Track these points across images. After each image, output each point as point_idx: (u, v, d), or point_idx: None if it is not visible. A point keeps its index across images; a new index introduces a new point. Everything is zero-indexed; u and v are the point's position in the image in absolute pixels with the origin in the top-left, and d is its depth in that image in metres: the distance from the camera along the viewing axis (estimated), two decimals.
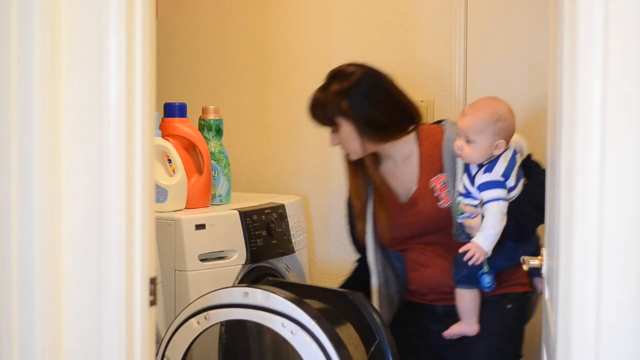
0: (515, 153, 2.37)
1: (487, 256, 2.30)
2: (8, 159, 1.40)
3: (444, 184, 2.44)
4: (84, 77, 1.40)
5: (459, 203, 2.37)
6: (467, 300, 2.38)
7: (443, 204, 2.44)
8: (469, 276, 2.35)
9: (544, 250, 1.91)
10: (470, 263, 2.29)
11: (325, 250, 3.37)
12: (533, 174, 2.39)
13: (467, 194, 2.36)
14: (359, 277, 2.63)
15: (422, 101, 3.11)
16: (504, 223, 2.29)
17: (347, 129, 2.44)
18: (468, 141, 2.31)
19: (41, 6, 1.38)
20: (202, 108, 2.96)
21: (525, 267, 1.95)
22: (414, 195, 2.49)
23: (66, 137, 1.41)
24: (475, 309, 2.40)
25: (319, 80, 3.35)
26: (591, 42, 1.22)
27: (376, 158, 2.55)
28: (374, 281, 2.54)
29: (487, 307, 2.42)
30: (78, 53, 1.40)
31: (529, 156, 2.46)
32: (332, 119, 2.46)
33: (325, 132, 2.59)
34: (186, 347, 2.29)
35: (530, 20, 2.99)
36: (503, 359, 2.45)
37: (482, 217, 2.32)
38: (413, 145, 2.51)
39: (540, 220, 2.27)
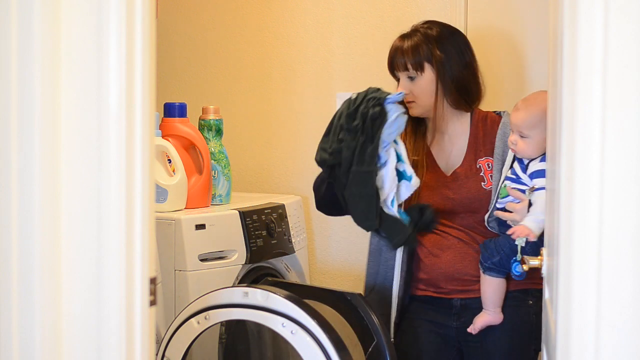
0: None
1: (534, 240, 2.26)
2: (8, 159, 1.40)
3: (490, 167, 2.42)
4: (84, 77, 1.40)
5: (504, 187, 2.35)
6: (493, 288, 2.35)
7: (486, 185, 2.41)
8: (501, 264, 2.32)
9: (544, 250, 1.91)
10: (514, 236, 2.23)
11: (325, 250, 3.37)
12: None
13: (516, 179, 2.34)
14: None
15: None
16: None
17: (430, 79, 2.41)
18: (522, 136, 2.30)
19: (41, 6, 1.38)
20: (202, 108, 2.96)
21: (525, 267, 1.94)
22: (458, 169, 2.45)
23: (66, 137, 1.41)
24: (501, 299, 2.37)
25: (319, 80, 3.36)
26: (591, 42, 1.22)
27: (427, 129, 2.52)
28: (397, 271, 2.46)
29: (510, 303, 2.39)
30: (78, 53, 1.40)
31: None
32: (421, 63, 2.41)
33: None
34: (186, 347, 2.29)
35: (530, 21, 2.99)
36: (526, 355, 2.42)
37: (529, 204, 2.29)
38: (466, 126, 2.48)
39: None
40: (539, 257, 1.91)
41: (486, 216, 2.38)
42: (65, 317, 1.43)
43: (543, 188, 2.25)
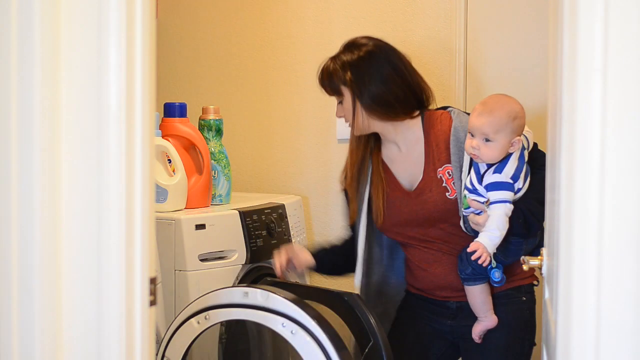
0: (523, 150, 2.35)
1: (492, 253, 2.30)
2: (8, 159, 1.40)
3: (450, 175, 2.41)
4: (84, 77, 1.40)
5: (465, 197, 2.36)
6: (477, 295, 2.37)
7: (450, 195, 2.40)
8: (475, 273, 2.34)
9: (544, 250, 1.91)
10: (479, 262, 2.27)
11: None
12: (538, 168, 2.36)
13: (474, 190, 2.34)
14: (330, 256, 2.61)
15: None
16: (507, 224, 2.28)
17: (350, 100, 2.43)
18: (487, 140, 2.28)
19: (41, 6, 1.38)
20: (202, 108, 2.96)
21: (525, 267, 1.94)
22: (420, 184, 2.45)
23: (66, 137, 1.41)
24: (488, 302, 2.38)
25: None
26: (591, 42, 1.22)
27: (380, 141, 2.52)
28: (358, 270, 2.50)
29: (504, 301, 2.41)
30: (78, 53, 1.40)
31: (535, 146, 2.44)
32: (337, 89, 2.44)
33: (324, 131, 2.59)
34: (186, 347, 2.29)
35: (530, 20, 2.99)
36: (521, 350, 2.45)
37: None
38: (419, 132, 2.47)
39: (544, 213, 2.27)
40: (539, 257, 1.91)
41: (461, 223, 2.40)
42: (65, 317, 1.43)
43: (498, 202, 2.27)
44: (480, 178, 2.33)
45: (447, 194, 2.41)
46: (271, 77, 3.43)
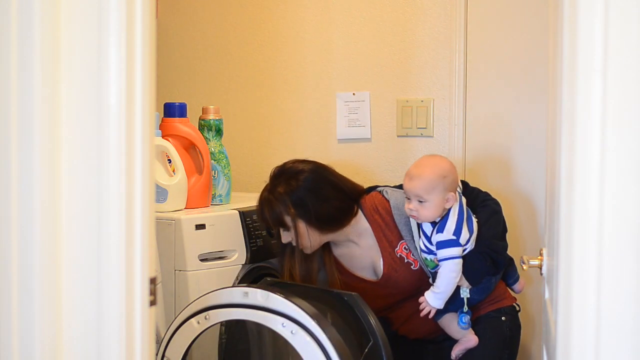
0: (461, 198, 2.46)
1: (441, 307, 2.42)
2: (8, 159, 1.40)
3: (407, 248, 2.52)
4: (84, 77, 1.40)
5: (425, 259, 2.48)
6: (451, 323, 2.48)
7: (414, 267, 2.51)
8: (446, 311, 2.45)
9: (544, 250, 1.91)
10: (421, 314, 2.41)
11: None
12: (480, 205, 2.50)
13: (429, 251, 2.46)
14: None
15: (422, 101, 3.11)
16: (457, 279, 2.39)
17: (300, 226, 2.50)
18: (421, 201, 2.40)
19: (41, 6, 1.38)
20: (202, 108, 2.96)
21: (525, 267, 1.96)
22: (385, 271, 2.54)
23: (66, 137, 1.41)
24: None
25: (319, 80, 3.36)
26: (591, 42, 1.22)
27: (328, 246, 2.60)
28: None
29: (484, 320, 2.51)
30: (78, 53, 1.40)
31: (466, 185, 2.55)
32: (282, 220, 2.51)
33: (324, 131, 2.60)
34: (186, 347, 2.29)
35: (530, 21, 2.99)
36: (498, 357, 2.53)
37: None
38: (365, 223, 2.57)
39: (506, 245, 2.48)
40: (539, 257, 1.92)
41: (430, 281, 2.49)
42: (65, 317, 1.43)
43: (445, 258, 2.39)
44: (429, 239, 2.45)
45: (411, 267, 2.52)
46: (271, 77, 3.43)
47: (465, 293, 2.42)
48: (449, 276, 2.38)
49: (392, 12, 3.21)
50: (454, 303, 2.43)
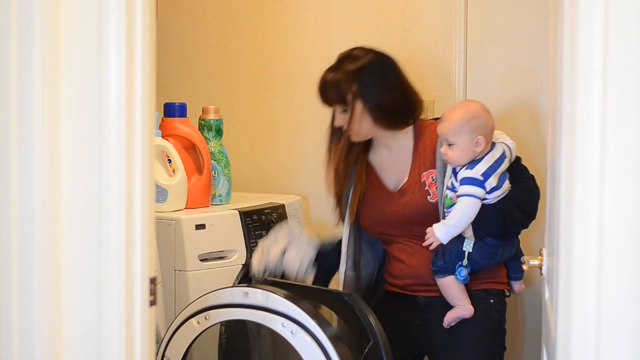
0: (503, 157, 2.43)
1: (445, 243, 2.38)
2: (8, 159, 1.40)
3: (434, 179, 2.48)
4: (84, 77, 1.40)
5: (446, 197, 2.43)
6: (450, 287, 2.42)
7: (431, 198, 2.47)
8: (445, 267, 2.41)
9: (544, 250, 1.91)
10: (424, 244, 2.39)
11: None
12: (521, 178, 2.47)
13: (452, 189, 2.42)
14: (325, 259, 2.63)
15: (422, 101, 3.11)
16: (469, 220, 2.36)
17: (358, 109, 2.46)
18: (449, 144, 2.38)
19: (41, 6, 1.38)
20: (202, 108, 2.96)
21: (525, 267, 1.97)
22: (404, 186, 2.51)
23: (66, 137, 1.41)
24: (462, 292, 2.43)
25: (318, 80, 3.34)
26: (591, 42, 1.22)
27: (368, 145, 2.58)
28: (342, 264, 2.56)
29: (472, 300, 2.45)
30: (78, 53, 1.40)
31: (517, 160, 2.52)
32: (344, 99, 2.47)
33: (324, 131, 2.59)
34: (186, 347, 2.29)
35: (530, 21, 2.99)
36: (490, 349, 2.49)
37: None
38: (410, 140, 2.54)
39: (525, 224, 2.45)
40: (539, 257, 1.92)
41: None
42: (65, 317, 1.43)
43: (465, 195, 2.36)
44: (456, 175, 2.42)
45: (428, 197, 2.48)
46: (271, 77, 3.43)
47: (468, 246, 2.38)
48: (464, 213, 2.35)
49: (392, 12, 3.21)
50: (455, 255, 2.39)
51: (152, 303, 1.49)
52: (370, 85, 2.47)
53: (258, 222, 2.81)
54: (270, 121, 3.44)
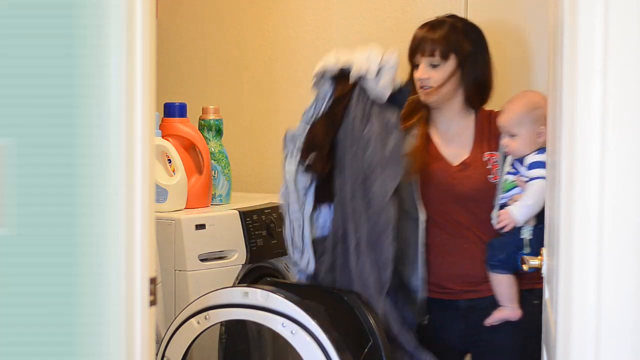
0: None
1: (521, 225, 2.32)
2: None
3: (496, 161, 2.45)
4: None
5: (506, 180, 2.39)
6: (505, 285, 2.37)
7: (493, 178, 2.44)
8: (507, 261, 2.35)
9: (544, 250, 1.91)
10: (496, 227, 2.34)
11: None
12: None
13: (515, 173, 2.38)
14: None
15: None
16: (542, 201, 2.27)
17: (452, 68, 2.44)
18: (511, 135, 2.36)
19: None
20: (202, 108, 2.96)
21: (525, 267, 1.95)
22: (467, 160, 2.48)
23: None
24: (515, 293, 2.38)
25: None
26: (591, 42, 1.22)
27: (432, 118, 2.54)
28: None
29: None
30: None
31: None
32: (448, 53, 2.45)
33: None
34: (186, 347, 2.28)
35: (530, 20, 2.99)
36: (532, 352, 2.35)
37: None
38: (471, 124, 2.51)
39: None
40: (539, 257, 1.91)
41: (493, 213, 2.40)
42: None
43: (537, 177, 2.30)
44: (521, 160, 2.37)
45: (489, 176, 2.44)
46: (271, 77, 3.43)
47: (527, 233, 2.32)
48: (539, 194, 2.27)
49: (392, 13, 3.21)
50: (513, 246, 2.32)
51: (152, 303, 1.49)
52: (476, 50, 2.47)
53: (258, 222, 2.81)
54: (271, 121, 3.44)
